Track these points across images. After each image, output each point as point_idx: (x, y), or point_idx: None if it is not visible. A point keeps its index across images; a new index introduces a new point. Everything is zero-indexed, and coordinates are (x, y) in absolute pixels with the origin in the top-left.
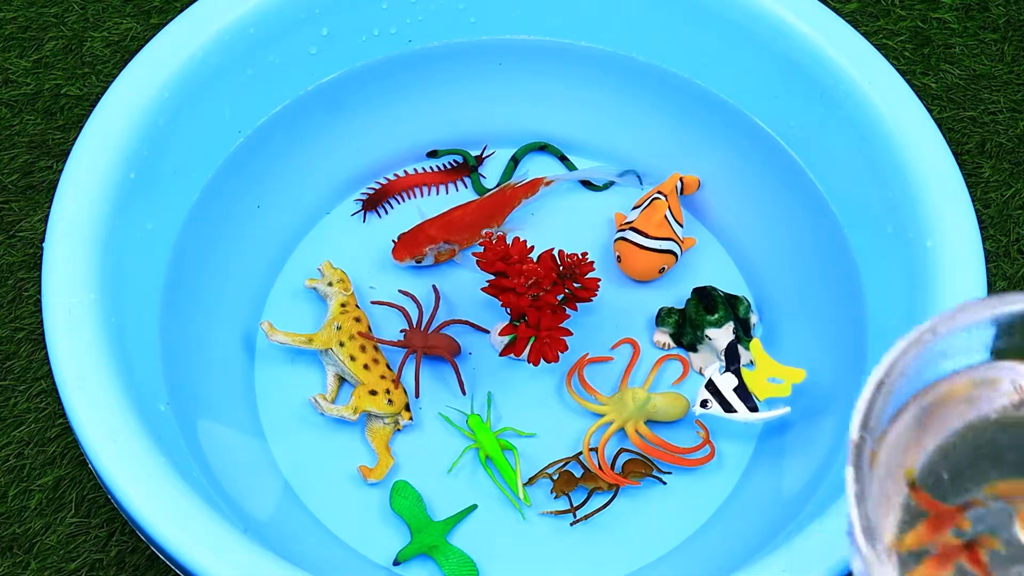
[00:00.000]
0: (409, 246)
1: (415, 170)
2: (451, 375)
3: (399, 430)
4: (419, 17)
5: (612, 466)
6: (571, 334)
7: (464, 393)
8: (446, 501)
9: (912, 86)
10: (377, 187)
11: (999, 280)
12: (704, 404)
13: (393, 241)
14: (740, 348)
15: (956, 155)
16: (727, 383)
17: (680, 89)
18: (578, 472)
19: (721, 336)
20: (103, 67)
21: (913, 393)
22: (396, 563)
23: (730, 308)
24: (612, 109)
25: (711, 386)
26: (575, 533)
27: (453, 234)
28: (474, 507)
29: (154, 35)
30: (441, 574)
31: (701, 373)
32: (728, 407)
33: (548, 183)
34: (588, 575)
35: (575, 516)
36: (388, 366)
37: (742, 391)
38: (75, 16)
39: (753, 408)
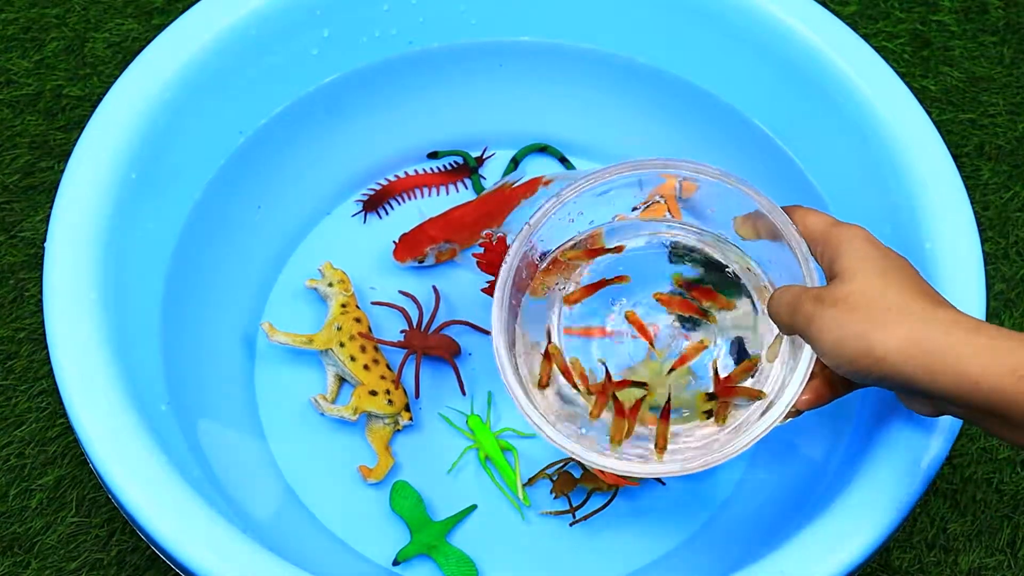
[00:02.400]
0: (410, 246)
1: (416, 171)
2: (451, 375)
3: (399, 430)
4: (420, 19)
5: None
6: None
7: (464, 394)
8: (446, 501)
9: (911, 88)
10: (378, 188)
11: (998, 282)
12: None
13: (394, 242)
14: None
15: (955, 157)
16: None
17: (680, 91)
18: (577, 473)
19: None
20: (104, 68)
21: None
22: (396, 563)
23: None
24: (612, 111)
25: None
26: (575, 533)
27: (453, 234)
28: (474, 507)
29: (155, 36)
30: (441, 574)
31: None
32: None
33: (547, 183)
34: (588, 575)
35: (574, 516)
36: (388, 366)
37: None
38: (76, 17)
39: None
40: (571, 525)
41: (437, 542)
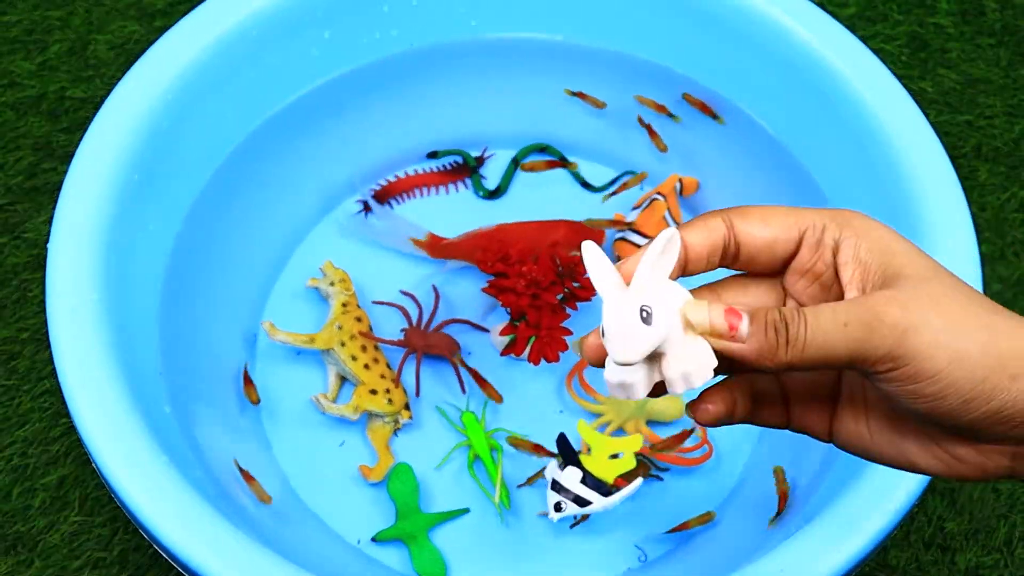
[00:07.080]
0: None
1: (416, 171)
2: (451, 374)
3: (399, 429)
4: (420, 20)
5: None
6: (571, 333)
7: (464, 392)
8: (441, 500)
9: (909, 90)
10: (379, 188)
11: (995, 283)
12: (558, 507)
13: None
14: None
15: (952, 159)
16: (572, 478)
17: (682, 89)
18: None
19: None
20: (107, 69)
21: None
22: (374, 540)
23: None
24: (614, 110)
25: (556, 486)
26: (575, 534)
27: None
28: (466, 510)
29: (158, 38)
30: (409, 562)
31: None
32: (582, 501)
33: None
34: (587, 575)
35: (575, 518)
36: (388, 365)
37: (590, 480)
38: (79, 19)
39: (607, 493)
40: (571, 527)
41: (418, 533)
